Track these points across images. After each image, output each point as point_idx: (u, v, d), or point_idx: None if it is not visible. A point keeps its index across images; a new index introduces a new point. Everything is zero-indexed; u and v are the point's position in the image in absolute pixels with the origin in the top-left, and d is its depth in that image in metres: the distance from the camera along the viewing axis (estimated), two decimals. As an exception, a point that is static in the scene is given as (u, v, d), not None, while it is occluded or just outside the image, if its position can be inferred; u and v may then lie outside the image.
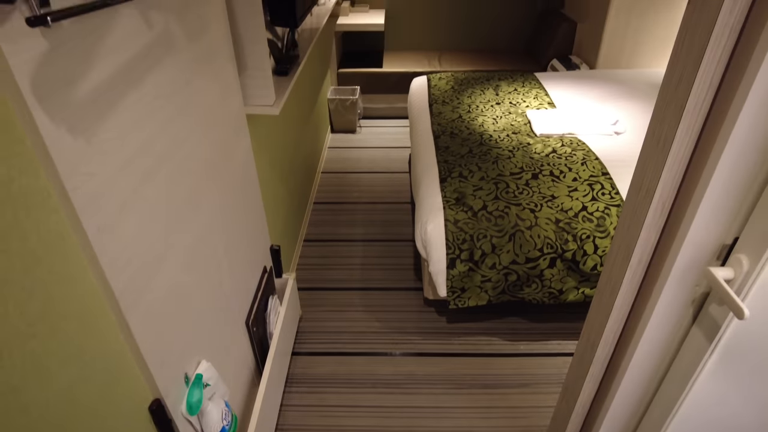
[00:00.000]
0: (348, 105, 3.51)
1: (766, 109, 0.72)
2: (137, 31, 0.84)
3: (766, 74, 0.69)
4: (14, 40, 0.57)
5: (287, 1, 1.51)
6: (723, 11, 0.69)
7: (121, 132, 0.80)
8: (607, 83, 2.86)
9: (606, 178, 1.92)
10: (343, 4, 3.60)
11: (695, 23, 0.75)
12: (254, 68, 1.41)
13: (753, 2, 0.69)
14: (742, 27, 0.72)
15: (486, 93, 2.73)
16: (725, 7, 0.69)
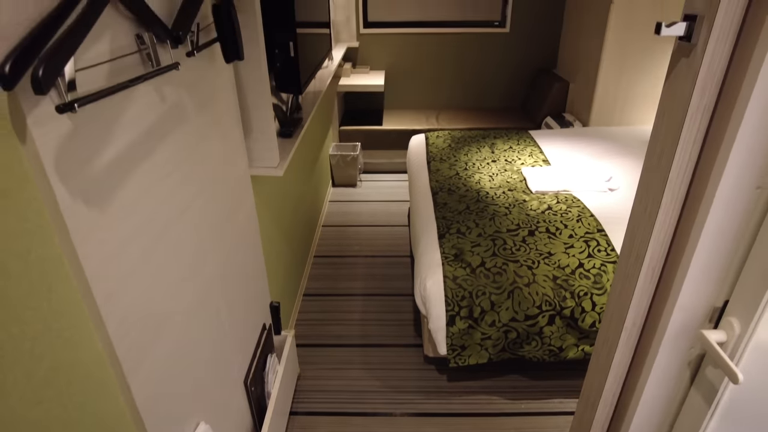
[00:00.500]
0: (349, 160, 3.60)
1: (746, 178, 0.77)
2: (151, 106, 0.90)
3: (740, 147, 0.74)
4: (43, 123, 0.62)
5: (292, 69, 1.60)
6: (695, 95, 0.75)
7: (132, 200, 0.84)
8: (600, 140, 2.96)
9: (601, 234, 1.96)
10: (345, 65, 3.77)
11: (670, 105, 0.81)
12: (259, 132, 1.48)
13: (722, 86, 0.75)
14: (715, 105, 0.78)
15: (482, 151, 2.81)
16: (697, 90, 0.75)
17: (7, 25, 0.57)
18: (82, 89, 0.69)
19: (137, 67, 0.84)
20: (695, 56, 0.75)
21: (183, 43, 0.93)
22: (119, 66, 0.79)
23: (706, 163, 0.80)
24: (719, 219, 0.80)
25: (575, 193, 2.32)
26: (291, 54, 1.56)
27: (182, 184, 1.03)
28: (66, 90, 0.64)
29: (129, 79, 0.76)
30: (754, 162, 0.76)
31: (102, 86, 0.74)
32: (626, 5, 2.99)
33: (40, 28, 0.60)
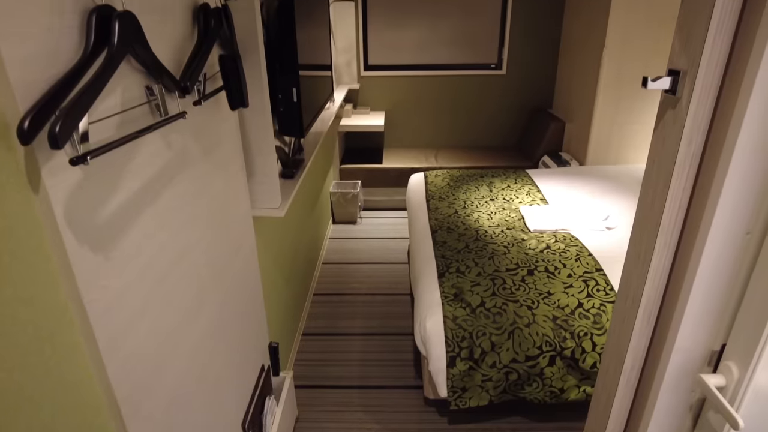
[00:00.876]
0: (349, 198, 3.64)
1: (735, 223, 0.79)
2: (158, 153, 0.93)
3: (729, 194, 0.76)
4: (55, 174, 0.65)
5: (295, 114, 1.65)
6: (682, 144, 0.78)
7: (136, 245, 0.86)
8: (596, 179, 3.00)
9: (600, 274, 1.96)
10: (346, 106, 3.87)
11: (660, 154, 0.84)
12: (262, 174, 1.51)
13: (708, 135, 0.79)
14: (702, 153, 0.81)
15: (480, 189, 2.85)
16: (684, 140, 0.78)
17: (29, 84, 0.60)
18: (93, 140, 0.72)
19: (146, 116, 0.88)
20: (680, 108, 0.79)
21: (190, 93, 0.97)
22: (129, 116, 0.82)
23: (696, 210, 0.82)
24: (712, 264, 0.82)
25: (573, 232, 2.34)
26: (294, 99, 1.61)
27: (185, 228, 1.05)
28: (79, 142, 0.67)
29: (138, 130, 0.80)
30: (742, 208, 0.79)
31: (112, 136, 0.77)
32: (618, 48, 3.09)
33: (59, 85, 0.63)
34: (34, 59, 0.61)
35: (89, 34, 0.70)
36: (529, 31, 3.86)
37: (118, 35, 0.71)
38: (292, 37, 1.55)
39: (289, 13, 1.54)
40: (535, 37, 3.88)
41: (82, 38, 0.70)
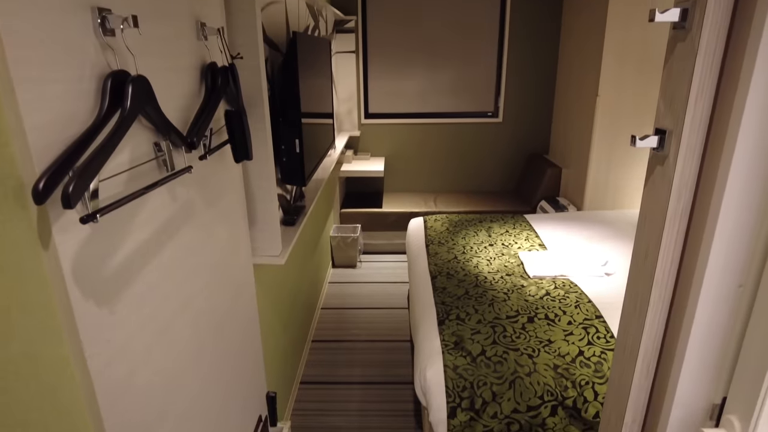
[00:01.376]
0: (349, 242, 3.66)
1: (728, 277, 0.80)
2: (163, 206, 0.96)
3: (719, 248, 0.78)
4: (65, 231, 0.67)
5: (297, 164, 1.69)
6: (672, 200, 0.81)
7: (139, 298, 0.87)
8: (594, 224, 3.03)
9: (600, 321, 1.96)
10: (347, 153, 3.95)
11: (651, 209, 0.86)
12: (264, 222, 1.54)
13: (696, 191, 0.81)
14: (692, 208, 0.83)
15: (479, 234, 2.88)
16: (673, 196, 0.81)
17: (46, 147, 0.63)
18: (102, 196, 0.75)
19: (153, 171, 0.91)
20: (668, 165, 0.82)
21: (197, 148, 1.01)
22: (137, 172, 0.86)
23: (688, 263, 0.84)
24: (707, 316, 0.83)
25: (572, 278, 2.34)
26: (297, 150, 1.66)
27: (188, 279, 1.06)
28: (89, 200, 0.70)
29: (146, 186, 0.82)
30: (734, 261, 0.80)
31: (121, 192, 0.80)
32: (611, 97, 3.19)
33: (73, 147, 0.67)
34: (53, 124, 0.64)
35: (104, 97, 0.74)
36: (524, 80, 3.99)
37: (131, 98, 0.75)
38: (295, 91, 1.61)
39: (293, 70, 1.61)
40: (531, 86, 4.01)
41: (98, 101, 0.74)
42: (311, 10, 2.73)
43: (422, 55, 3.97)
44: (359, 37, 3.93)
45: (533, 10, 3.82)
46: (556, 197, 3.76)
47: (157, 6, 0.92)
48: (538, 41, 3.89)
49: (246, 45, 1.35)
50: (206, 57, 1.17)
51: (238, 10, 1.33)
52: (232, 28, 1.34)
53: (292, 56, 1.60)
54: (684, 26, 0.77)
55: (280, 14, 1.92)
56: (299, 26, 2.38)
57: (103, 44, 0.75)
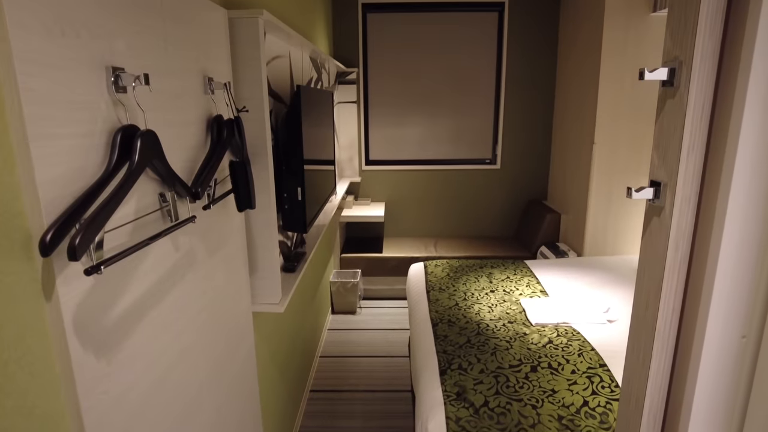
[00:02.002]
0: (349, 287, 3.64)
1: (729, 327, 0.80)
2: (166, 256, 0.97)
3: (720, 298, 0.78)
4: (69, 282, 0.68)
5: (299, 211, 1.71)
6: (669, 251, 0.81)
7: (137, 348, 0.86)
8: (595, 270, 3.02)
9: (604, 370, 1.92)
10: (348, 198, 3.99)
11: (649, 260, 0.87)
12: (264, 270, 1.54)
13: (693, 242, 0.82)
14: (690, 259, 0.84)
15: (480, 280, 2.86)
16: (671, 247, 0.82)
17: (55, 199, 0.65)
18: (107, 247, 0.76)
19: (158, 222, 0.92)
20: (665, 217, 0.83)
21: (201, 198, 1.03)
22: (142, 222, 0.87)
23: (690, 313, 0.84)
24: (712, 367, 0.82)
25: (575, 326, 2.31)
26: (299, 198, 1.68)
27: (187, 328, 1.06)
28: (94, 251, 0.71)
29: (150, 237, 0.84)
30: (735, 311, 0.80)
31: (125, 243, 0.81)
32: (608, 145, 3.26)
33: (81, 199, 0.68)
34: (62, 177, 0.66)
35: (113, 151, 0.76)
36: (521, 128, 4.09)
37: (140, 152, 0.78)
38: (298, 142, 1.65)
39: (297, 121, 1.66)
40: (528, 133, 4.10)
41: (107, 154, 0.77)
42: (314, 63, 2.83)
43: (421, 105, 4.09)
44: (360, 88, 4.06)
45: (529, 61, 3.96)
46: (556, 243, 3.77)
47: (168, 63, 0.97)
48: (534, 90, 4.02)
49: (252, 98, 1.40)
50: (212, 110, 1.21)
51: (245, 65, 1.38)
52: (238, 82, 1.39)
53: (296, 108, 1.65)
54: (673, 84, 0.80)
55: (284, 67, 2.00)
56: (303, 79, 2.47)
57: (115, 100, 0.78)
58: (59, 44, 0.66)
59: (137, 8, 0.86)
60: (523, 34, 3.93)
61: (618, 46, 3.13)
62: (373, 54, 4.03)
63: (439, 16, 3.93)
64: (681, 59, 0.78)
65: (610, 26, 3.10)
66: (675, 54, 0.80)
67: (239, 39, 1.37)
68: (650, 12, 3.08)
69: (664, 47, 0.84)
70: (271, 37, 1.78)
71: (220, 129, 1.18)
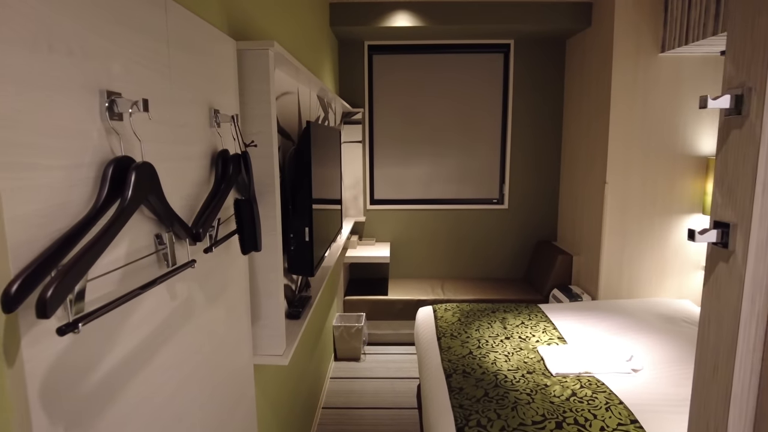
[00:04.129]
0: (353, 332, 3.47)
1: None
2: (160, 306, 0.85)
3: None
4: (37, 343, 0.56)
5: (306, 253, 1.60)
6: (745, 302, 0.70)
7: (124, 418, 0.73)
8: (613, 315, 2.87)
9: (636, 426, 1.75)
10: (352, 238, 3.88)
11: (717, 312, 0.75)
12: (268, 318, 1.41)
13: None
14: (767, 313, 0.72)
15: (494, 326, 2.71)
16: (746, 297, 0.70)
17: (29, 242, 0.54)
18: (90, 297, 0.64)
19: (152, 266, 0.81)
20: (736, 264, 0.72)
21: (202, 240, 0.92)
22: (134, 267, 0.76)
23: (771, 377, 0.71)
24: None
25: (598, 376, 2.15)
26: (306, 239, 1.58)
27: (182, 388, 0.93)
28: (72, 304, 0.59)
29: (142, 285, 0.72)
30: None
31: (111, 293, 0.69)
32: (620, 184, 3.18)
33: (60, 242, 0.57)
34: (39, 215, 0.56)
35: (103, 186, 0.66)
36: (528, 167, 4.03)
37: (134, 187, 0.67)
38: (307, 179, 1.56)
39: (306, 158, 1.57)
40: (535, 172, 4.03)
41: (95, 190, 0.66)
42: (321, 102, 2.79)
43: (426, 144, 4.05)
44: (366, 128, 4.03)
45: (535, 101, 3.95)
46: (569, 285, 3.63)
47: (171, 92, 0.88)
48: (541, 130, 3.98)
49: (260, 133, 1.32)
50: (218, 144, 1.13)
51: (254, 99, 1.31)
52: (246, 116, 1.31)
53: (306, 145, 1.57)
54: (740, 112, 0.71)
55: (292, 104, 1.93)
56: (311, 116, 2.41)
57: (108, 128, 0.68)
58: (44, 61, 0.57)
59: (140, 30, 0.78)
60: (529, 75, 3.93)
61: (627, 87, 3.10)
62: (379, 94, 4.02)
63: (444, 57, 3.94)
64: (750, 85, 0.69)
65: (619, 68, 3.07)
66: (741, 80, 0.71)
67: (248, 71, 1.30)
68: (658, 53, 3.06)
69: (724, 73, 0.75)
70: (281, 73, 1.73)
71: (226, 164, 1.08)
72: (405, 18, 3.40)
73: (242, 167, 1.12)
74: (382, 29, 3.52)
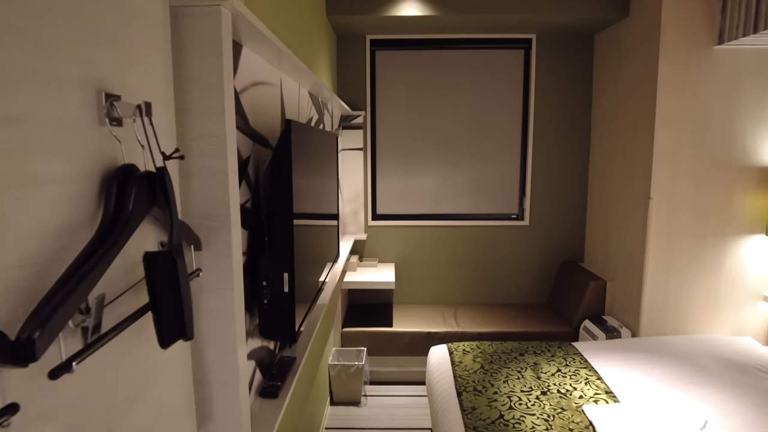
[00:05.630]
0: (352, 372, 2.98)
1: None
2: None
3: None
4: None
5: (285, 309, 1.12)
6: None
7: None
8: (664, 358, 2.39)
9: None
10: (351, 259, 3.39)
11: None
12: (221, 419, 0.92)
13: None
14: None
15: (525, 376, 2.22)
16: None
17: None
18: None
19: None
20: None
21: (38, 356, 0.44)
22: None
23: None
24: None
25: (670, 453, 1.66)
26: (285, 289, 1.09)
27: None
28: None
29: None
30: None
31: None
32: (667, 200, 2.70)
33: None
34: None
35: None
36: (552, 179, 3.55)
37: None
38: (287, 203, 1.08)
39: (286, 174, 1.09)
40: (560, 185, 3.56)
41: None
42: (315, 102, 2.31)
43: (436, 152, 3.57)
44: (367, 134, 3.55)
45: (560, 103, 3.47)
46: (602, 316, 3.13)
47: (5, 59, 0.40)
48: (566, 136, 3.51)
49: (206, 136, 0.84)
50: (117, 155, 0.65)
51: (199, 83, 0.83)
52: (185, 110, 0.83)
53: (285, 153, 1.09)
54: None
55: (272, 100, 1.46)
56: (299, 117, 1.93)
57: None
58: None
59: None
60: (553, 74, 3.46)
61: (677, 87, 2.63)
62: (383, 96, 3.55)
63: (457, 54, 3.48)
64: None
65: (667, 63, 2.60)
66: None
67: (189, 40, 0.82)
68: (714, 45, 2.60)
69: None
70: (252, 54, 1.25)
71: (124, 193, 0.60)
72: (412, 6, 2.93)
73: (158, 195, 0.64)
74: (385, 20, 3.05)
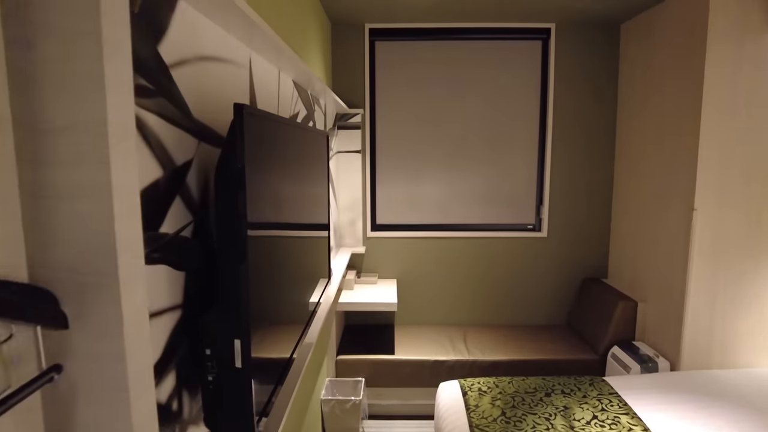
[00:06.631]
0: (348, 408, 2.59)
1: None
2: None
3: None
4: None
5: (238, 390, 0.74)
6: None
7: None
8: (717, 400, 2.01)
9: None
10: (348, 275, 3.01)
11: None
12: None
13: None
14: None
15: (554, 424, 1.84)
16: None
17: None
18: None
19: None
20: None
21: None
22: None
23: None
24: None
25: None
26: (237, 363, 0.72)
27: None
28: None
29: None
30: None
31: None
32: (713, 211, 2.32)
33: None
34: None
35: None
36: (572, 186, 3.17)
37: None
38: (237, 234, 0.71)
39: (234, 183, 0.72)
40: (581, 193, 3.18)
41: None
42: (303, 95, 1.94)
43: (443, 155, 3.19)
44: (366, 134, 3.18)
45: (582, 100, 3.10)
46: (633, 341, 2.75)
47: None
48: (588, 137, 3.13)
49: (75, 128, 0.47)
50: None
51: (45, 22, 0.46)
52: (27, 82, 0.46)
53: (231, 154, 0.72)
54: None
55: (234, 85, 1.09)
56: (279, 111, 1.56)
57: None
58: None
59: None
60: (574, 68, 3.09)
61: (727, 80, 2.26)
62: (383, 92, 3.17)
63: (467, 45, 3.11)
64: None
65: (715, 52, 2.23)
66: None
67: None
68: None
69: None
70: (198, 15, 0.88)
71: None
72: (419, -11, 2.57)
73: None
74: (387, 5, 2.68)
